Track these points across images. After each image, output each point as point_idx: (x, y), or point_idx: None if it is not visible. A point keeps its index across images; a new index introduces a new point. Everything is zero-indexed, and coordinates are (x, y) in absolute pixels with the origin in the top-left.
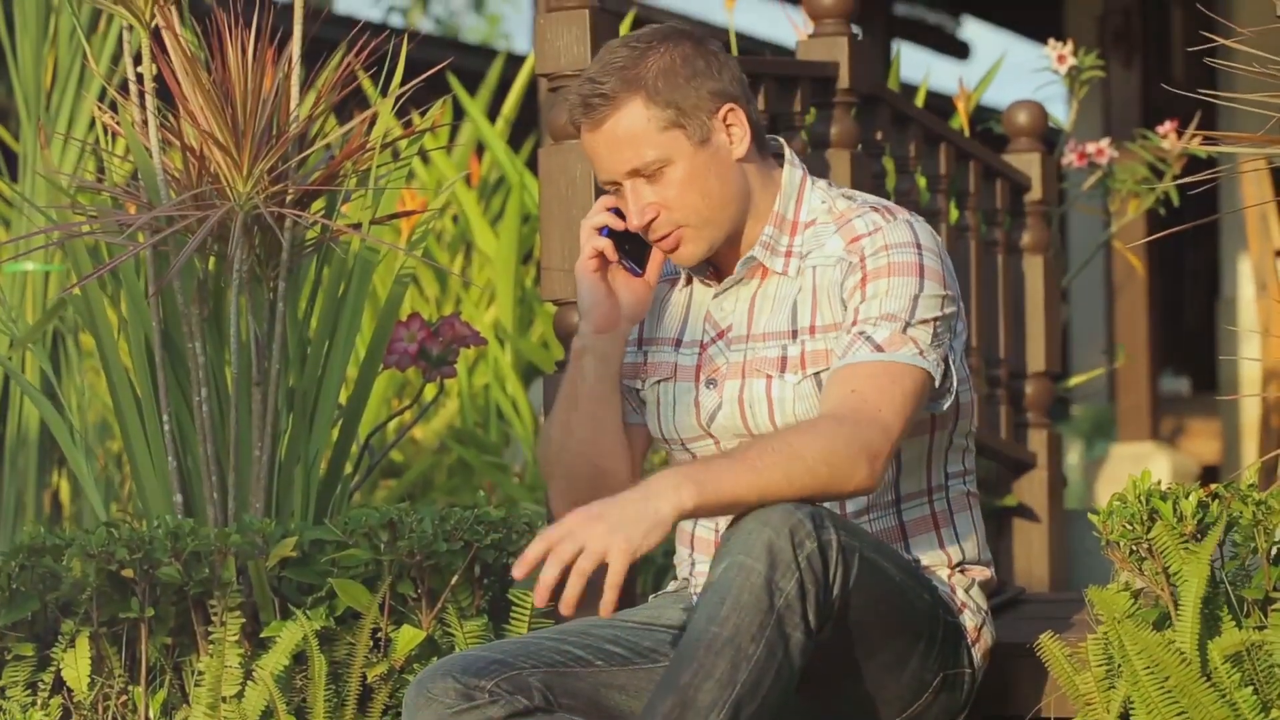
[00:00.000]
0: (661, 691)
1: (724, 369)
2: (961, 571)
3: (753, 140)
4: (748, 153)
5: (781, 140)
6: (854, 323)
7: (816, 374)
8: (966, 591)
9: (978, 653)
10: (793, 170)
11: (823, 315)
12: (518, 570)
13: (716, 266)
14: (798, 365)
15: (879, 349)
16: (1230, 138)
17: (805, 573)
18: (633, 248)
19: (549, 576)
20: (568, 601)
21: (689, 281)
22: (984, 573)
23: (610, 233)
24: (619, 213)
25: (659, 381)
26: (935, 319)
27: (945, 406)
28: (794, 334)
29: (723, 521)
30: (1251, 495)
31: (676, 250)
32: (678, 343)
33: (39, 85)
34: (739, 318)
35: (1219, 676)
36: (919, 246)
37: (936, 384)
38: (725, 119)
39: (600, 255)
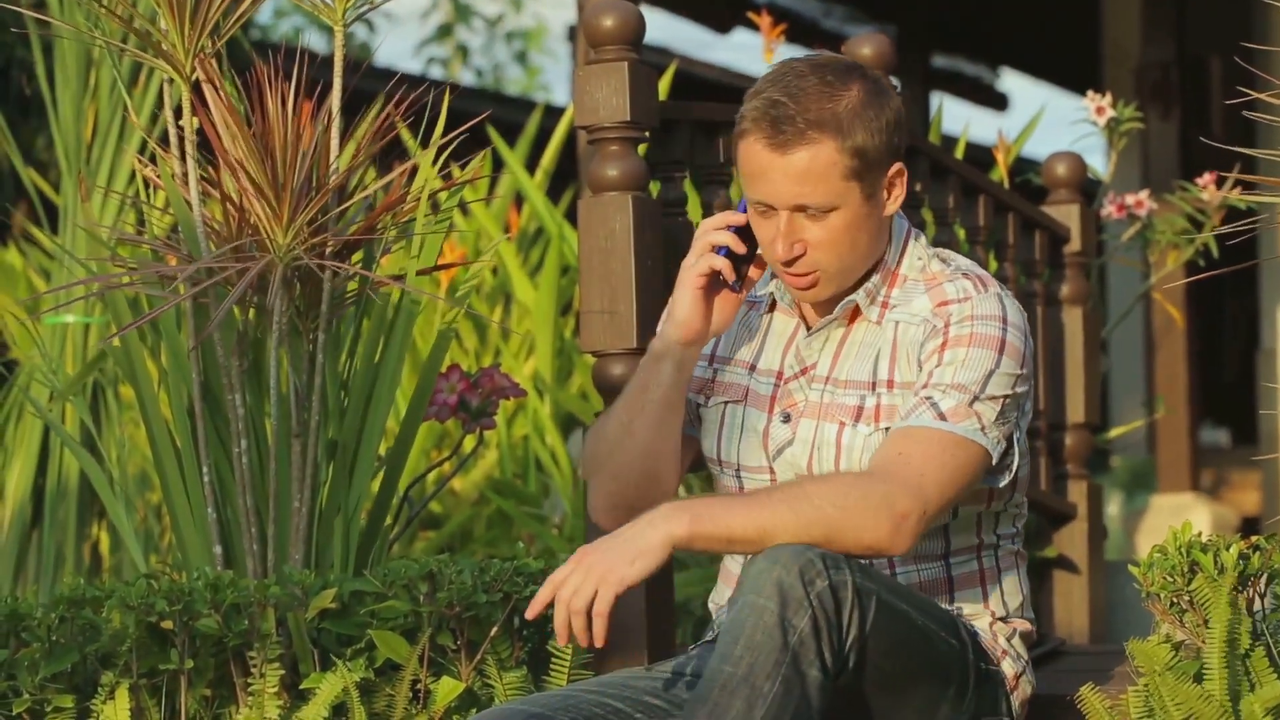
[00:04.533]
0: None
1: (802, 406)
2: (1003, 621)
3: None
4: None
5: None
6: (924, 385)
7: (887, 429)
8: (1008, 640)
9: (1016, 701)
10: (900, 221)
11: (901, 372)
12: (529, 613)
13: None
14: (871, 417)
15: (941, 417)
16: (1270, 182)
17: (818, 610)
18: (736, 264)
19: (559, 621)
20: (580, 639)
21: (771, 308)
22: (1025, 625)
23: (727, 252)
24: (737, 231)
25: (727, 402)
26: (1005, 396)
27: (1003, 483)
28: (873, 385)
29: None
30: None
31: (808, 289)
32: (752, 367)
33: (79, 138)
34: (825, 358)
35: None
36: (1005, 321)
37: (994, 461)
38: (893, 178)
39: (712, 273)
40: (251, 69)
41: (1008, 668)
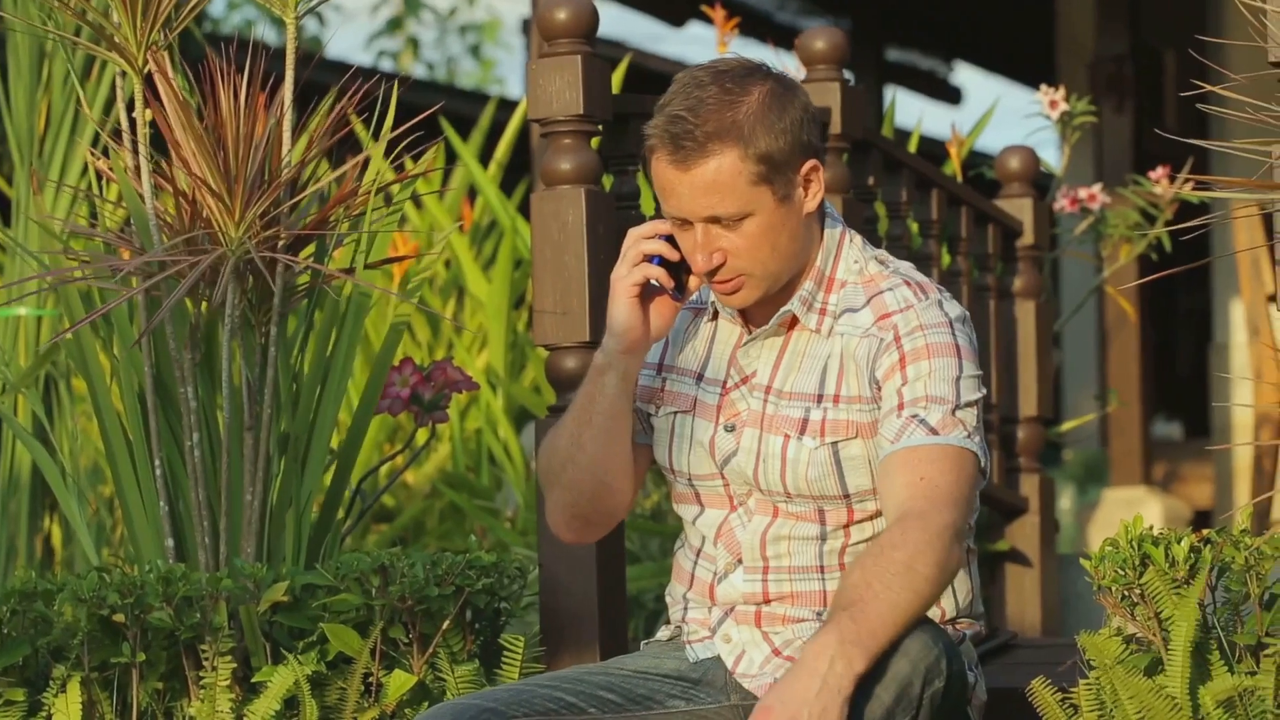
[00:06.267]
0: None
1: (744, 415)
2: (953, 626)
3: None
4: (816, 208)
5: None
6: (900, 405)
7: (834, 443)
8: (958, 646)
9: (974, 713)
10: (833, 224)
11: (848, 386)
12: None
13: (746, 309)
14: (817, 431)
15: (934, 431)
16: (1222, 182)
17: (923, 710)
18: (674, 271)
19: None
20: None
21: (715, 316)
22: (973, 626)
23: (659, 260)
24: (668, 238)
25: (676, 412)
26: (975, 400)
27: (982, 487)
28: (819, 398)
29: (721, 564)
30: (1243, 540)
31: (733, 295)
32: (699, 376)
33: (32, 131)
34: (764, 365)
35: None
36: (952, 326)
37: (983, 463)
38: (807, 175)
39: (645, 281)
40: (204, 62)
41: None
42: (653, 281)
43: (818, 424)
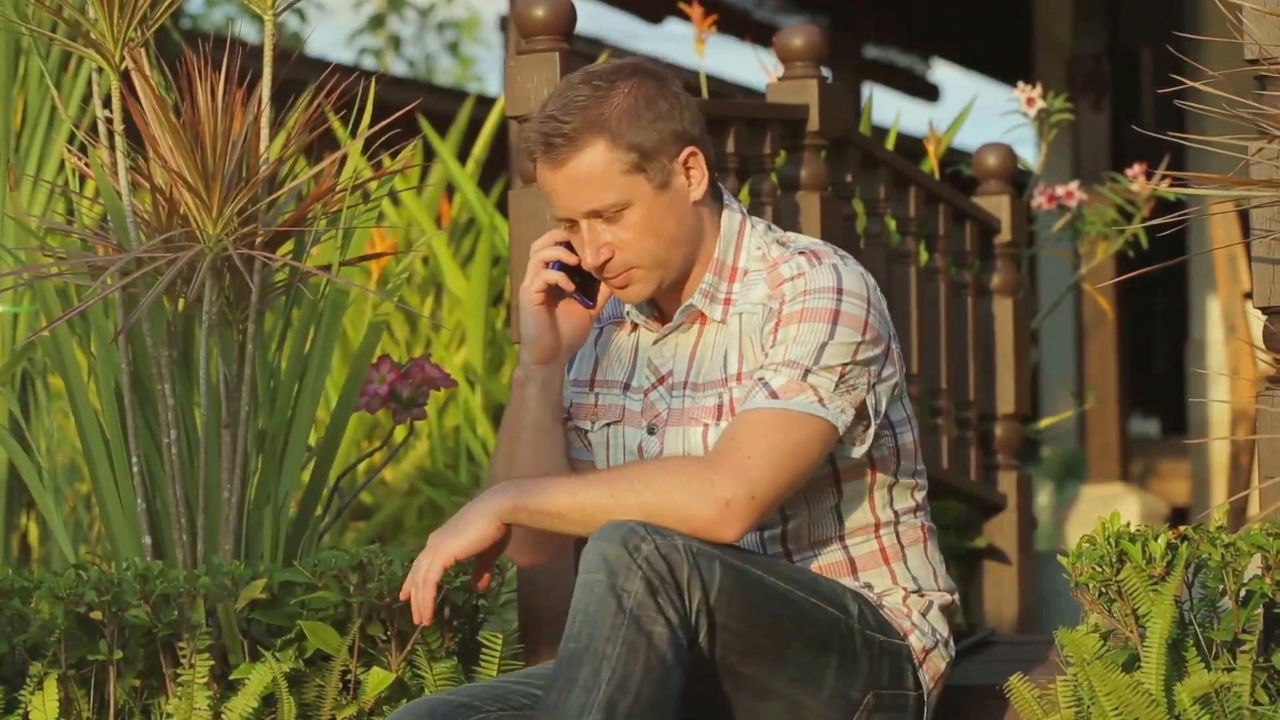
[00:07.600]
0: (535, 716)
1: (664, 415)
2: (919, 595)
3: (708, 183)
4: (703, 195)
5: (721, 186)
6: (760, 368)
7: None
8: (922, 615)
9: (926, 675)
10: (731, 215)
11: (747, 361)
12: (402, 594)
13: (660, 310)
14: (727, 412)
15: (773, 395)
16: (1199, 179)
17: (648, 571)
18: (581, 280)
19: (403, 593)
20: (418, 610)
21: (636, 326)
22: (944, 597)
23: (561, 266)
24: (569, 245)
25: (609, 424)
26: (844, 365)
27: (856, 454)
28: (725, 381)
29: None
30: (1220, 537)
31: (626, 289)
32: (626, 386)
33: (8, 126)
34: (679, 364)
35: (1188, 718)
36: (839, 291)
37: (841, 431)
38: (686, 162)
39: (548, 288)
40: (181, 58)
41: (915, 641)
42: (566, 291)
43: (727, 405)
